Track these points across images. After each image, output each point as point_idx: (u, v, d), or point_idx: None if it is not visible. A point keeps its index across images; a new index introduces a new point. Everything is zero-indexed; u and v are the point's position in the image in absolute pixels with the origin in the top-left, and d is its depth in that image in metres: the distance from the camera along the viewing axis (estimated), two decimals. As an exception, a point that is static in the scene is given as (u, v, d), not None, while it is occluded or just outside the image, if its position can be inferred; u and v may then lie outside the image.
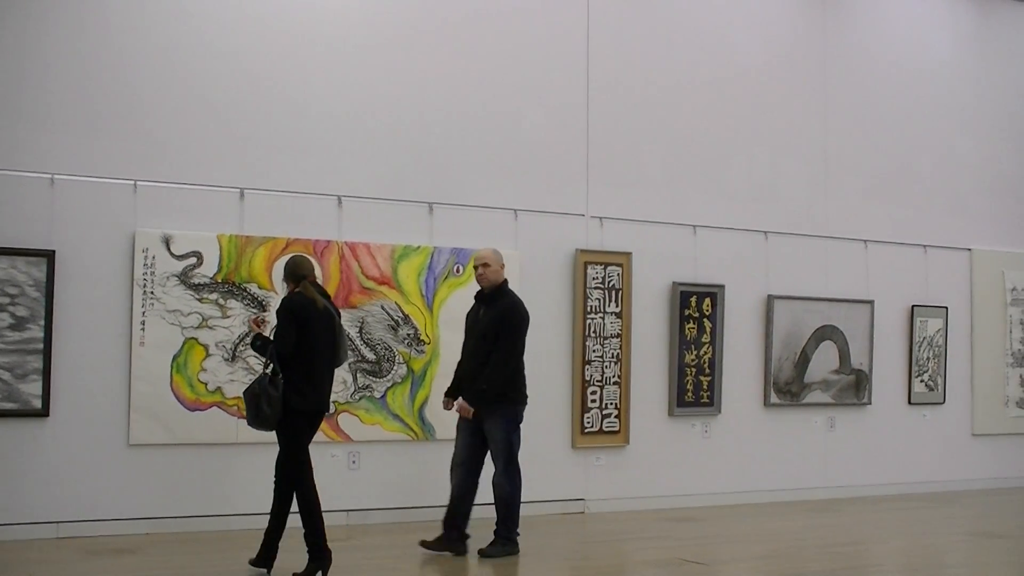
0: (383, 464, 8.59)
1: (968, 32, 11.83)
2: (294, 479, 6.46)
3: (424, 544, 7.32)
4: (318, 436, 8.18)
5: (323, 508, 8.17)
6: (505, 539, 7.31)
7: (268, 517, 6.52)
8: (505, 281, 7.42)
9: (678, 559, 7.43)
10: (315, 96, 8.56)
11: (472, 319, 7.53)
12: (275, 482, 6.53)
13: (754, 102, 10.44)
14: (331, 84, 8.63)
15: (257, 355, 6.84)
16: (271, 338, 6.50)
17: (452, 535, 7.33)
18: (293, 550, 6.53)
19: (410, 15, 8.94)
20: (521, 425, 7.45)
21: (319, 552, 6.39)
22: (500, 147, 9.23)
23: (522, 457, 8.91)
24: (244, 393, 6.50)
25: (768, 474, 10.32)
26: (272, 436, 7.47)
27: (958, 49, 11.75)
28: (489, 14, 9.26)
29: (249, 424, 6.47)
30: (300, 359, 6.40)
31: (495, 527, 7.36)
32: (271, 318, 7.19)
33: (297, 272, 6.59)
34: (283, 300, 6.57)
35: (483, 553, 7.24)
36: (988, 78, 11.89)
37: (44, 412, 7.59)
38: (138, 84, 8.00)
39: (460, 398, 7.35)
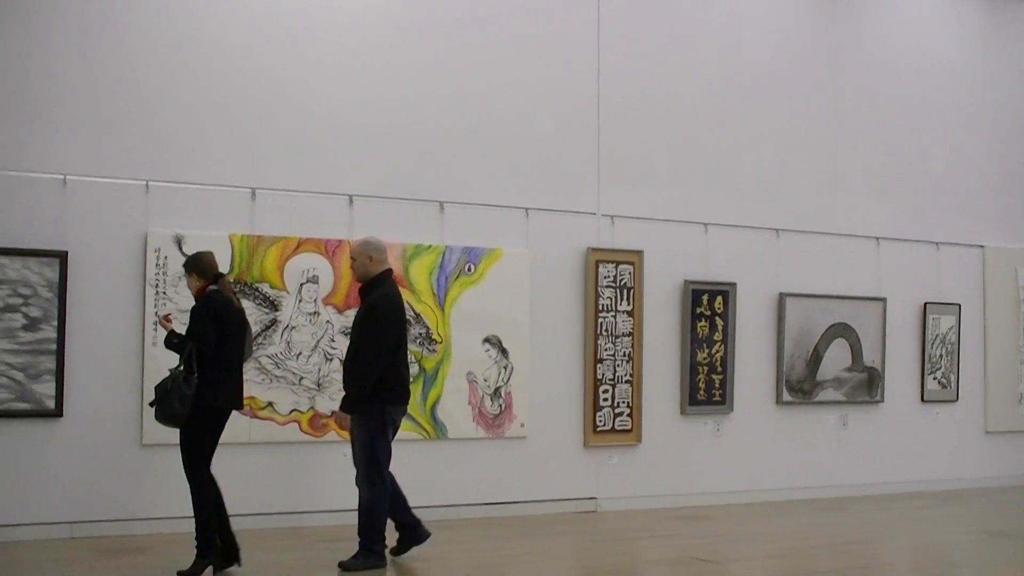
0: (395, 463, 8.26)
1: (976, 30, 11.77)
2: (194, 473, 6.43)
3: (393, 552, 7.02)
4: (330, 436, 8.33)
5: (338, 508, 8.32)
6: (366, 551, 6.75)
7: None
8: (385, 272, 6.91)
9: (689, 557, 7.43)
10: (326, 96, 8.57)
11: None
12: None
13: (764, 100, 10.41)
14: (342, 84, 8.63)
15: (175, 353, 6.51)
16: (184, 336, 6.40)
17: (407, 534, 7.08)
18: (287, 550, 6.51)
19: (421, 14, 8.94)
20: (390, 429, 6.95)
21: (208, 548, 6.38)
22: (511, 146, 9.22)
23: (535, 455, 9.10)
24: (156, 389, 6.36)
25: (780, 472, 10.30)
26: (281, 435, 7.53)
27: (967, 47, 11.70)
28: (500, 13, 9.25)
29: (157, 420, 6.37)
30: (219, 358, 6.39)
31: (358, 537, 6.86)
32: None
33: (212, 270, 6.55)
34: (203, 299, 6.46)
35: (342, 565, 6.73)
36: (997, 76, 11.83)
37: (57, 412, 7.62)
38: (149, 85, 8.02)
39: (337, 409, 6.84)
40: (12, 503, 7.52)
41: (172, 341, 6.42)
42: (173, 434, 7.71)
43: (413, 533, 7.11)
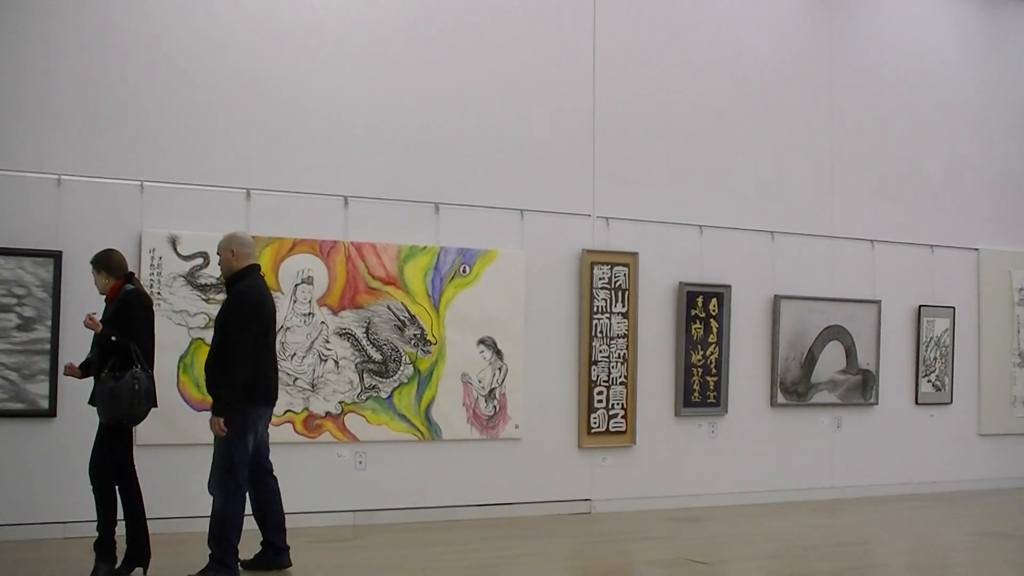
0: (390, 464, 8.59)
1: (974, 31, 11.79)
2: (108, 477, 6.32)
3: (243, 564, 6.51)
4: (325, 437, 8.35)
5: (331, 508, 8.32)
6: (218, 563, 6.21)
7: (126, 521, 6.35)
8: (249, 267, 6.50)
9: (684, 559, 7.42)
10: (321, 96, 8.56)
11: None
12: (103, 484, 6.34)
13: (760, 101, 10.41)
14: (337, 85, 8.62)
15: (110, 351, 6.21)
16: (123, 334, 6.20)
17: (268, 551, 6.64)
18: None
19: (417, 15, 8.93)
20: (251, 433, 6.42)
21: (112, 551, 6.35)
22: (506, 147, 9.21)
23: (529, 456, 9.09)
24: (106, 392, 6.14)
25: (774, 474, 10.29)
26: (276, 436, 7.41)
27: (964, 48, 11.70)
28: (495, 13, 9.24)
29: (123, 420, 6.21)
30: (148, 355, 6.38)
31: (209, 543, 6.34)
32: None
33: (123, 268, 6.43)
34: (133, 296, 6.32)
35: None
36: (994, 77, 11.84)
37: (51, 412, 7.61)
38: (144, 85, 8.01)
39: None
40: (5, 503, 7.51)
41: (111, 339, 6.18)
42: (168, 434, 7.82)
43: (275, 556, 6.66)
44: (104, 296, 6.48)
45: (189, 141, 8.12)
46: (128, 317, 6.26)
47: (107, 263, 6.42)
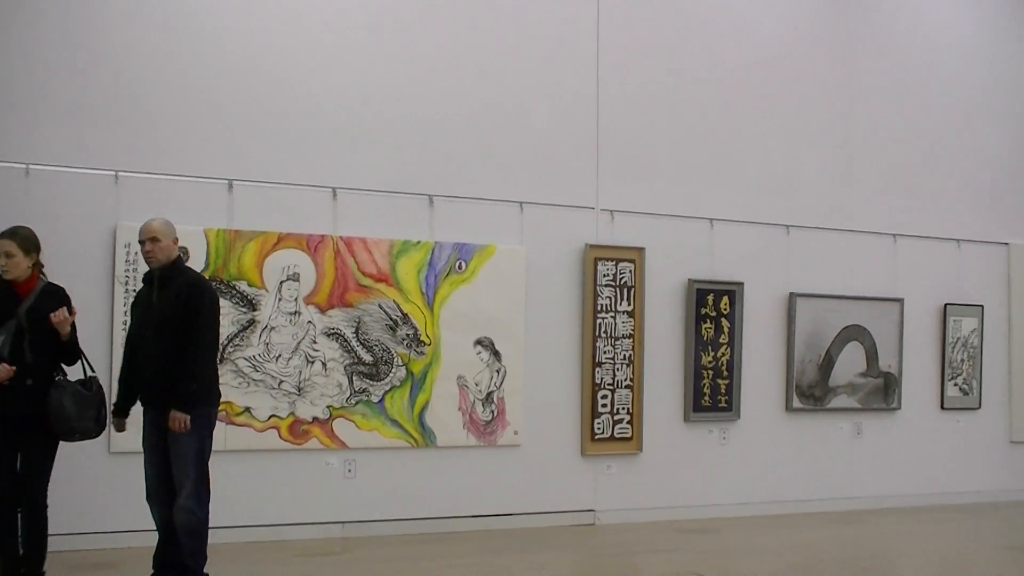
0: (381, 472, 8.42)
1: (1000, 15, 11.53)
2: (45, 494, 6.08)
3: None
4: (312, 443, 8.25)
5: (318, 520, 8.20)
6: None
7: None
8: (179, 257, 6.29)
9: (693, 573, 7.28)
10: (309, 83, 8.37)
11: (144, 307, 6.22)
12: (31, 508, 6.06)
13: (772, 89, 10.20)
14: (326, 70, 8.44)
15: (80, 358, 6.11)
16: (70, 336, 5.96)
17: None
18: (265, 563, 6.17)
19: (409, 0, 8.82)
20: (214, 432, 6.30)
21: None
22: (505, 136, 9.03)
23: (530, 464, 9.01)
24: (96, 400, 6.04)
25: (790, 483, 10.10)
26: (260, 442, 7.07)
27: (988, 32, 11.43)
28: (494, -2, 9.12)
29: (90, 436, 6.06)
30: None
31: (184, 561, 6.09)
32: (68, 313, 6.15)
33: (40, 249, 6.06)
34: (59, 288, 6.05)
35: None
36: (1020, 62, 11.58)
37: (19, 415, 7.32)
38: (120, 70, 7.81)
39: (172, 410, 5.96)
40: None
41: (73, 340, 5.96)
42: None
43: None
44: (12, 280, 5.96)
45: (167, 129, 7.91)
46: (70, 316, 5.98)
47: (35, 244, 6.00)
